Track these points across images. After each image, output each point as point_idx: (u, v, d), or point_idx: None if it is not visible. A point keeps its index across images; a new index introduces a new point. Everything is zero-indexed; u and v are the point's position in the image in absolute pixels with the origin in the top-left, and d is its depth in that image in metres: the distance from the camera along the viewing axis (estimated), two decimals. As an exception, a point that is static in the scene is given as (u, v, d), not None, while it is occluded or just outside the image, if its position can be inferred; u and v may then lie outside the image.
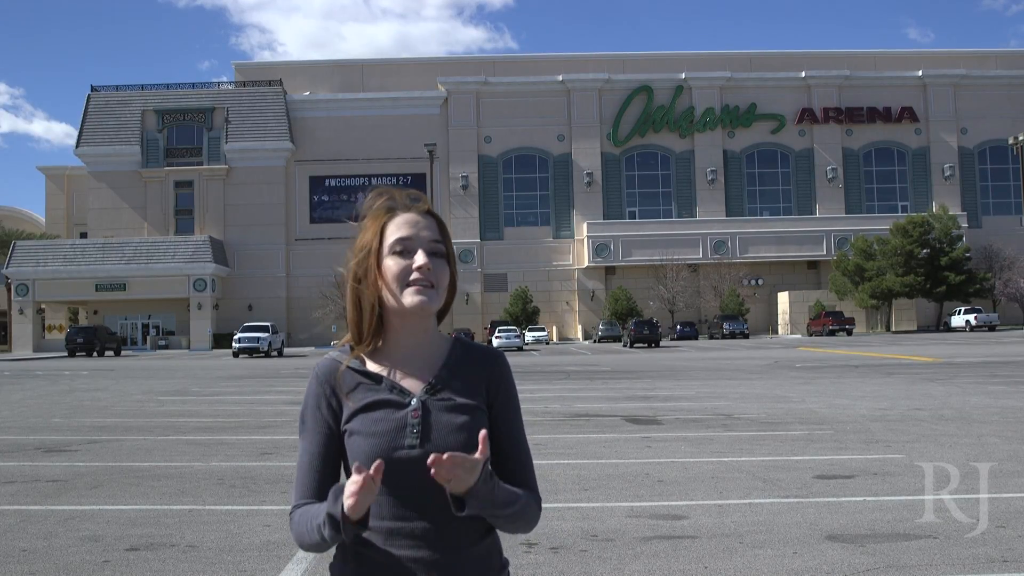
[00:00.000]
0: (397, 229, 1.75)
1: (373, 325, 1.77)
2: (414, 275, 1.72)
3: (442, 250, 1.76)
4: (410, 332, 1.78)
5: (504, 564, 1.82)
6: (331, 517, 1.60)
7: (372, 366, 1.79)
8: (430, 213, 1.79)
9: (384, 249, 1.75)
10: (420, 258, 1.72)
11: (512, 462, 1.82)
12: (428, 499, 1.68)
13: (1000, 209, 70.42)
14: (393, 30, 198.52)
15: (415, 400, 1.74)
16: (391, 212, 1.78)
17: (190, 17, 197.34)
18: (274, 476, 8.36)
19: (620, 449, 9.84)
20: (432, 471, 1.54)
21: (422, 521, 1.69)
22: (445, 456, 1.54)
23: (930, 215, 63.69)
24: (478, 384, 1.80)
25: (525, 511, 1.75)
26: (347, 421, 1.75)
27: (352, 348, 1.81)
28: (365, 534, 1.68)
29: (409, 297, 1.72)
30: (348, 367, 1.78)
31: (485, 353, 1.85)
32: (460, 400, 1.76)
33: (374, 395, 1.75)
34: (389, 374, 1.77)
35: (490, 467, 1.65)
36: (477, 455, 1.57)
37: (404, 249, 1.73)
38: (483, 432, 1.60)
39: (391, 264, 1.73)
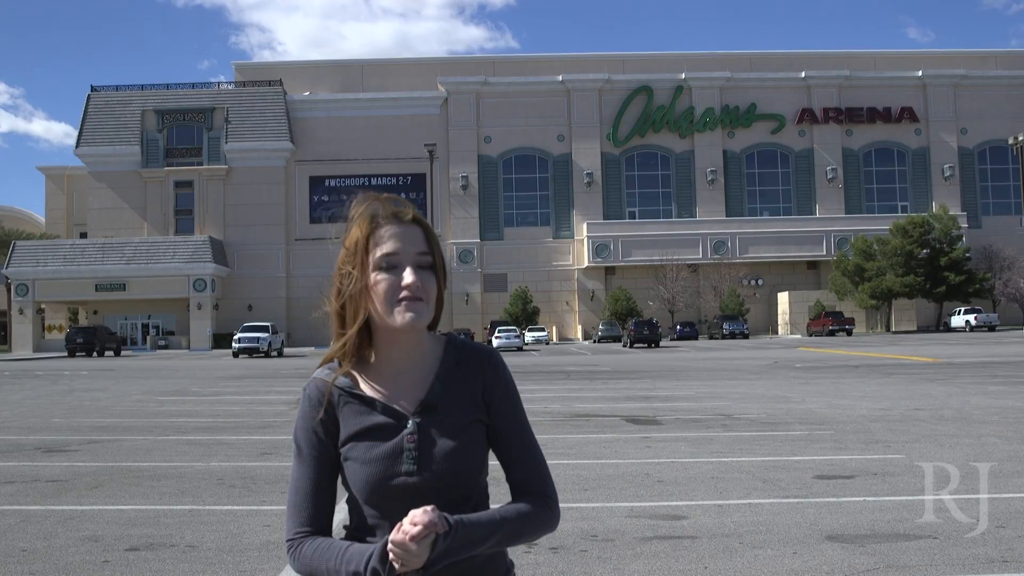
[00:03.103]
0: (382, 243, 1.68)
1: (360, 342, 1.73)
2: (403, 292, 1.66)
3: (429, 261, 1.71)
4: (401, 346, 1.74)
5: (509, 567, 1.81)
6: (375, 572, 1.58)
7: (364, 385, 1.74)
8: (415, 221, 1.73)
9: (370, 265, 1.69)
10: (408, 275, 1.66)
11: (519, 468, 1.77)
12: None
13: (1000, 209, 70.42)
14: (393, 29, 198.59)
15: (410, 423, 1.70)
16: (375, 224, 1.71)
17: (189, 16, 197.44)
18: (274, 476, 8.36)
19: (620, 449, 9.84)
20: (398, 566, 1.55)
21: None
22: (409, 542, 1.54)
23: (930, 215, 63.67)
24: (473, 391, 1.76)
25: (521, 531, 1.71)
26: (343, 445, 1.72)
27: (340, 364, 1.76)
28: None
29: (399, 316, 1.67)
30: (340, 389, 1.74)
31: (479, 354, 1.80)
32: (455, 417, 1.73)
33: (368, 419, 1.71)
34: (381, 394, 1.73)
35: (450, 520, 1.59)
36: (408, 540, 1.53)
37: (391, 265, 1.67)
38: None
39: (378, 281, 1.67)
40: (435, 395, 1.74)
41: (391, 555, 1.55)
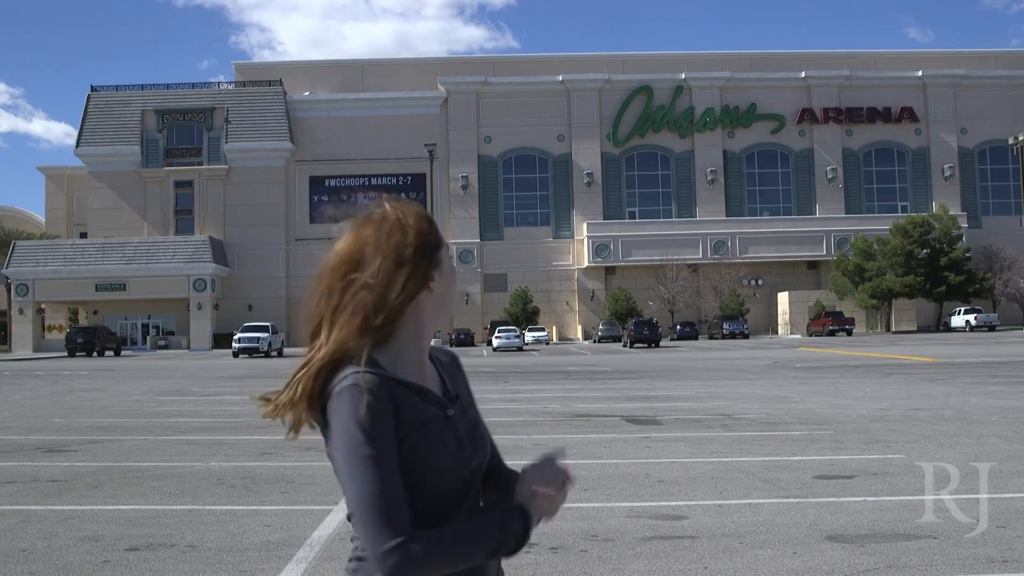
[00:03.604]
0: (444, 246, 1.83)
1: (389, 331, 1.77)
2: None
3: None
4: (429, 335, 1.80)
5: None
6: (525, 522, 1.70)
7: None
8: None
9: (443, 265, 1.78)
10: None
11: (495, 451, 1.89)
12: (470, 504, 1.75)
13: (1000, 209, 70.42)
14: (393, 29, 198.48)
15: (452, 410, 1.75)
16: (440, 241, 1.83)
17: (189, 16, 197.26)
18: (274, 476, 8.36)
19: (620, 449, 9.84)
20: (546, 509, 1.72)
21: None
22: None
23: (930, 215, 63.66)
24: (465, 386, 1.87)
25: None
26: (405, 436, 1.69)
27: (364, 356, 1.76)
28: None
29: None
30: (394, 380, 1.71)
31: (451, 354, 1.93)
32: (471, 406, 1.83)
33: (423, 409, 1.71)
34: (421, 383, 1.77)
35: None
36: (567, 488, 1.72)
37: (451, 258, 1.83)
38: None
39: (450, 272, 1.79)
40: (452, 385, 1.82)
41: (541, 510, 1.70)
